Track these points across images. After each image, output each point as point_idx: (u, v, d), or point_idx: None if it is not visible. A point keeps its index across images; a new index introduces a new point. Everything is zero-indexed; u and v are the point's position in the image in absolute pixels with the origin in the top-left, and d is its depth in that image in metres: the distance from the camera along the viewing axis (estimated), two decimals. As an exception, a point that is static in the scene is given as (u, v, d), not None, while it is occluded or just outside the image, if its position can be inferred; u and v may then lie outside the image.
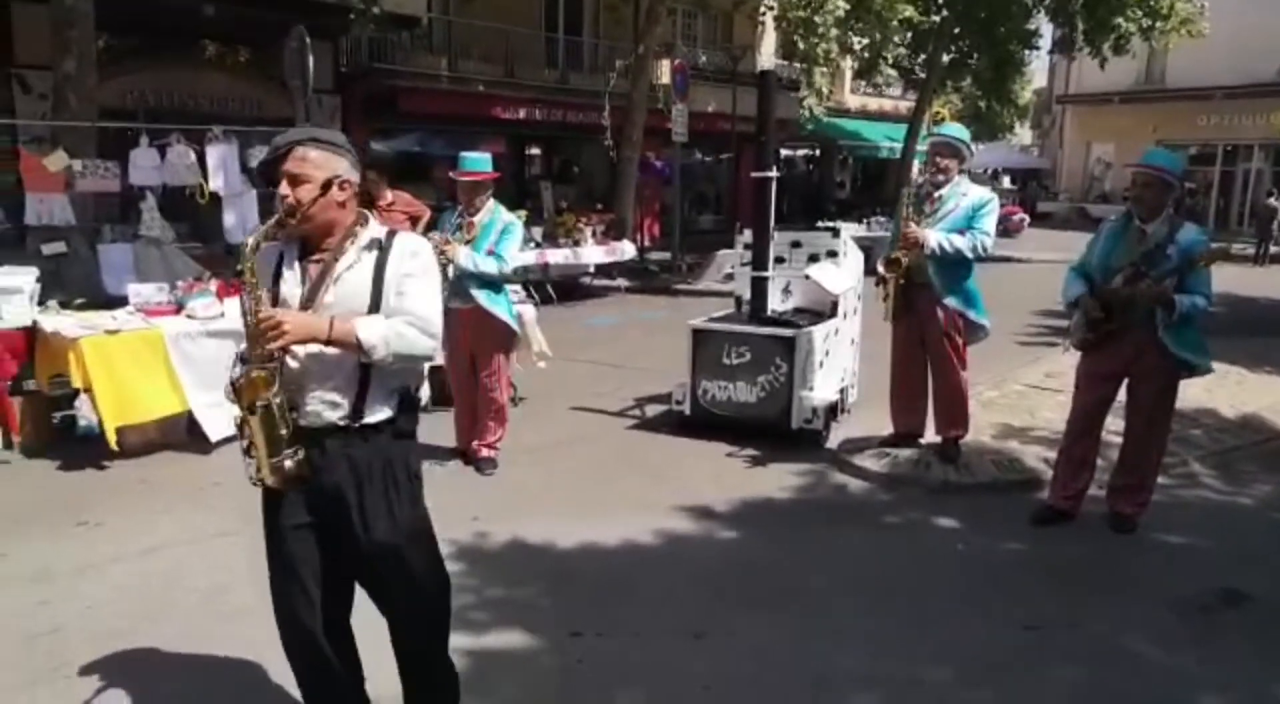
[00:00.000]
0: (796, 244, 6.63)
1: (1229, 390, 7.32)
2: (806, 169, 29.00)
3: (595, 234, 13.84)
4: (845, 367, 6.61)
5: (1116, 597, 3.98)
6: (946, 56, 22.96)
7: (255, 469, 2.40)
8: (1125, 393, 4.61)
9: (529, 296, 8.74)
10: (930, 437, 5.67)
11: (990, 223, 5.23)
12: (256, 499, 2.55)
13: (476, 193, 5.32)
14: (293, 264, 2.47)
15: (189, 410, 5.61)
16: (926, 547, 4.55)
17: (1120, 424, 4.71)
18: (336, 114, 15.13)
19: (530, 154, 20.28)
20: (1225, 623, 3.78)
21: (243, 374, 2.35)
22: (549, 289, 12.49)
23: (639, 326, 11.12)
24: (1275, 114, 26.61)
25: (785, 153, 25.73)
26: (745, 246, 6.56)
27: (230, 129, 7.90)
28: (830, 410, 6.10)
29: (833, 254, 6.51)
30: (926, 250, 5.15)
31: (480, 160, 5.37)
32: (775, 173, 6.26)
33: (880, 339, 5.85)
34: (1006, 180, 36.91)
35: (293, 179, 2.36)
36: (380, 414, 2.45)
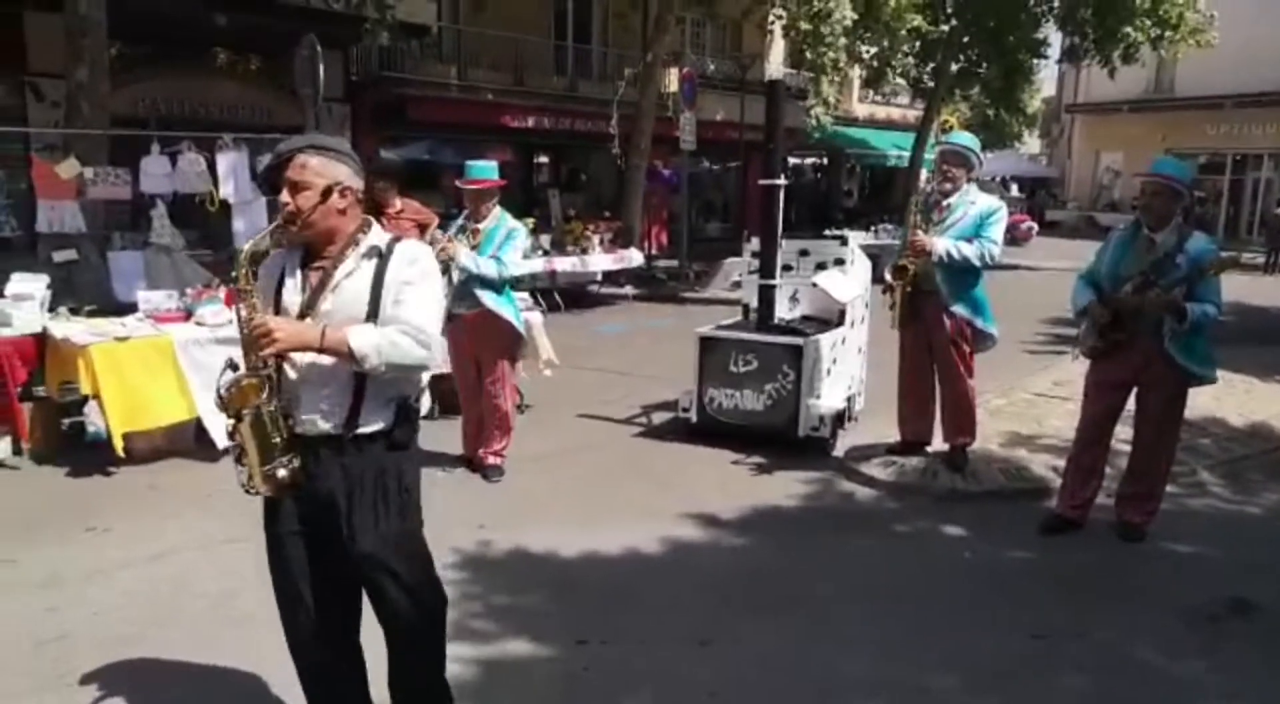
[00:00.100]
0: (804, 252, 6.65)
1: (1238, 399, 7.30)
2: (814, 177, 28.99)
3: (603, 242, 13.84)
4: (852, 374, 6.61)
5: (1124, 605, 3.97)
6: (955, 65, 22.91)
7: (246, 477, 2.38)
8: (1134, 401, 4.60)
9: (536, 304, 8.74)
10: (938, 445, 5.67)
11: (998, 231, 5.23)
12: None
13: (482, 200, 5.34)
14: (294, 272, 2.47)
15: (197, 417, 5.63)
16: (933, 554, 4.54)
17: (1129, 433, 4.70)
18: (346, 122, 15.19)
19: (538, 162, 20.31)
20: (1233, 632, 3.76)
21: (233, 382, 2.34)
22: (556, 297, 12.49)
23: (646, 334, 11.13)
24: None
25: (793, 161, 25.70)
26: (753, 254, 6.58)
27: (241, 137, 7.95)
28: (837, 418, 6.09)
29: (840, 262, 6.52)
30: (934, 258, 5.15)
31: (486, 168, 5.40)
32: (783, 181, 6.28)
33: (888, 347, 5.85)
34: (1015, 189, 36.83)
35: (293, 186, 2.37)
36: (375, 424, 2.42)
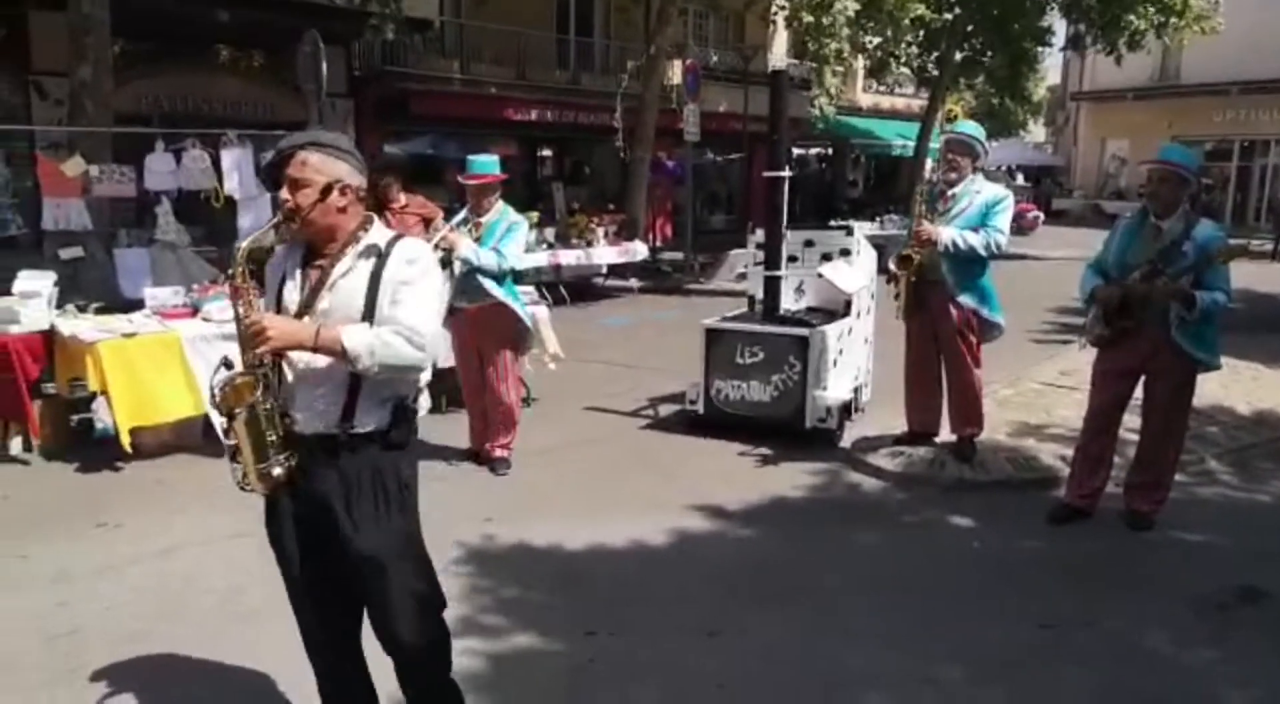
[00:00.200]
0: (809, 243, 6.63)
1: (1245, 387, 7.27)
2: (819, 168, 28.87)
3: (607, 235, 13.85)
4: (859, 365, 6.59)
5: (1133, 594, 3.96)
6: (959, 54, 22.81)
7: (241, 475, 2.36)
8: (1142, 390, 4.59)
9: (542, 297, 8.74)
10: (945, 435, 5.66)
11: (1004, 220, 5.20)
12: (268, 502, 2.56)
13: (484, 195, 5.33)
14: (295, 269, 2.46)
15: (205, 413, 5.64)
16: (941, 545, 4.54)
17: (1137, 421, 4.69)
18: (350, 117, 15.19)
19: (542, 155, 20.30)
20: (1243, 620, 3.75)
21: (226, 381, 2.33)
22: (561, 290, 12.50)
23: (652, 327, 11.12)
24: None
25: (797, 152, 25.62)
26: (758, 246, 6.56)
27: (245, 133, 7.96)
28: (844, 409, 6.08)
29: (846, 253, 6.50)
30: (939, 247, 5.13)
31: (487, 163, 5.39)
32: (787, 172, 6.26)
33: (894, 338, 5.84)
34: (1020, 178, 36.72)
35: (293, 184, 2.35)
36: (370, 424, 2.39)
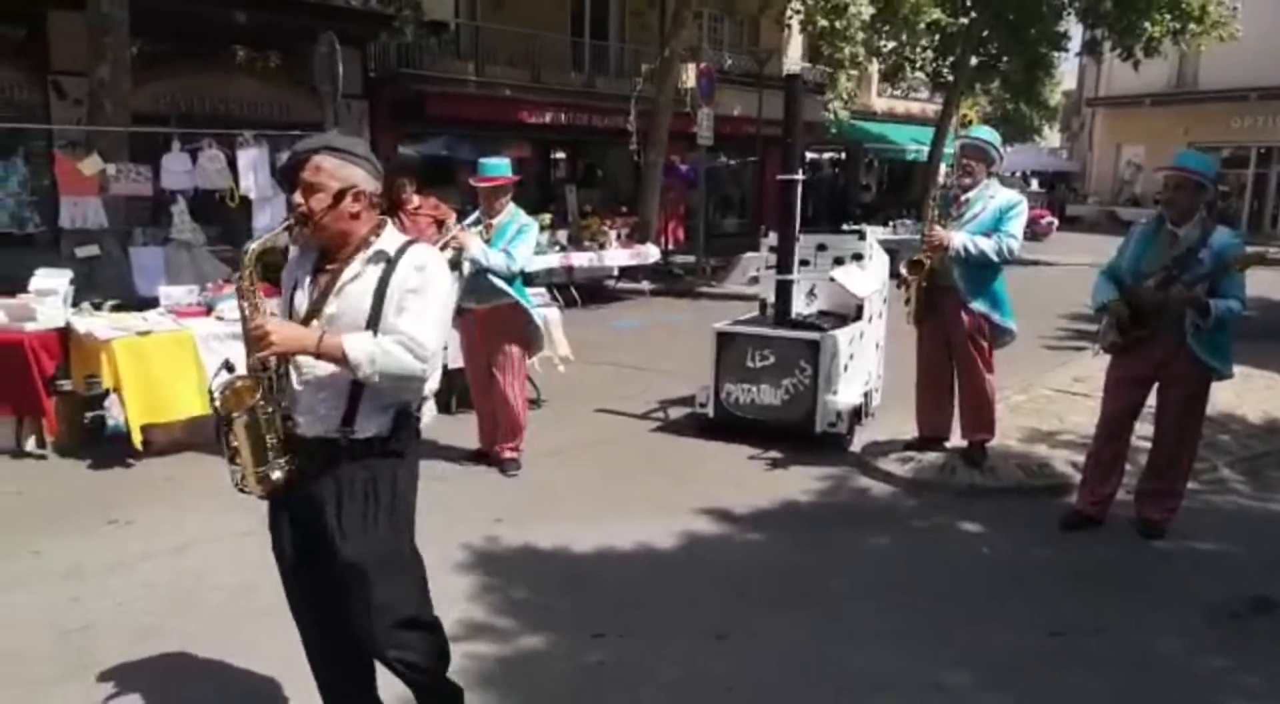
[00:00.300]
0: (822, 247, 6.62)
1: (1259, 395, 7.22)
2: (832, 172, 28.88)
3: (620, 237, 13.86)
4: (870, 370, 6.58)
5: (1144, 602, 3.94)
6: (974, 59, 22.73)
7: (240, 477, 2.36)
8: (1155, 398, 4.56)
9: (553, 299, 8.75)
10: (956, 440, 5.64)
11: (1017, 225, 5.18)
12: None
13: (496, 197, 5.36)
14: (307, 273, 2.47)
15: (217, 411, 5.67)
16: (951, 550, 4.52)
17: (1150, 429, 4.66)
18: (365, 118, 15.26)
19: (556, 158, 20.35)
20: (1255, 630, 3.73)
21: (226, 384, 2.33)
22: (573, 292, 12.52)
23: (663, 329, 11.12)
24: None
25: (811, 156, 25.64)
26: (770, 249, 6.56)
27: (261, 133, 8.02)
28: (855, 414, 6.07)
29: (858, 257, 6.50)
30: (950, 252, 5.12)
31: (499, 166, 5.41)
32: (801, 176, 6.26)
33: (906, 342, 5.82)
34: (1035, 183, 36.58)
35: (307, 187, 2.35)
36: (371, 430, 2.39)
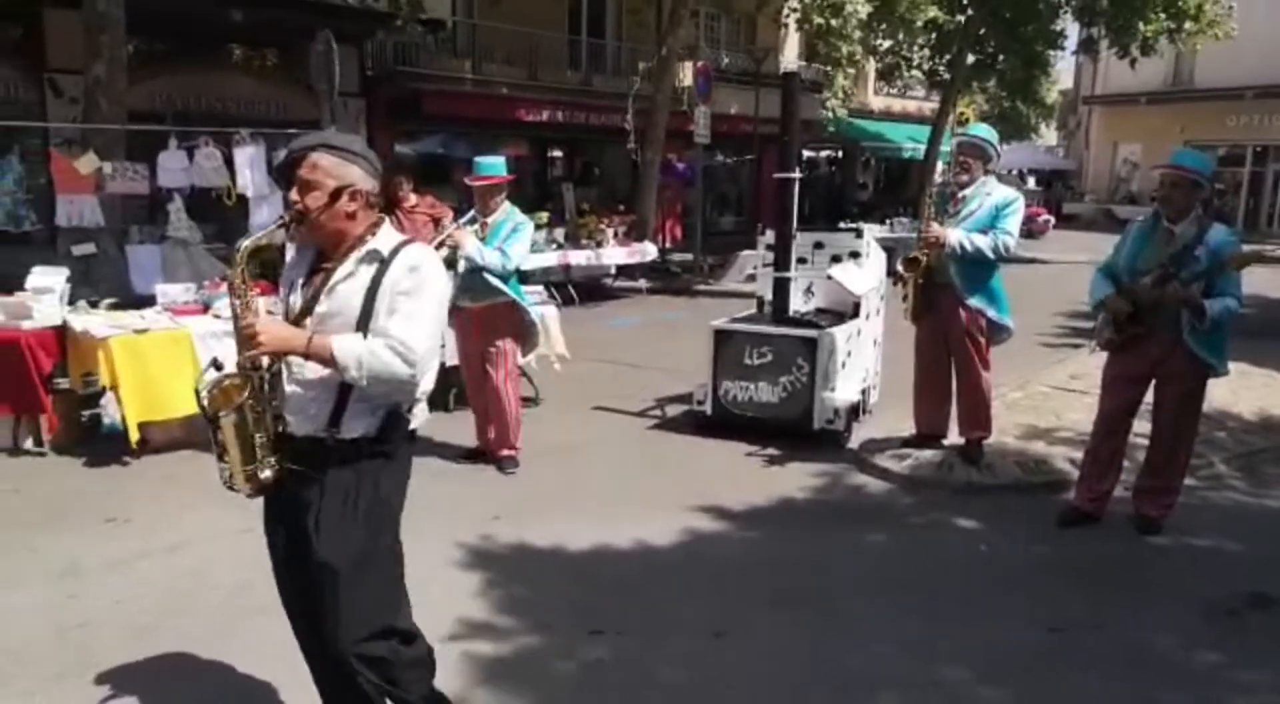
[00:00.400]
0: (819, 245, 6.64)
1: (1255, 392, 7.24)
2: (829, 170, 28.89)
3: (617, 235, 13.86)
4: (867, 367, 6.59)
5: (1142, 599, 3.95)
6: (971, 57, 22.75)
7: (228, 476, 2.35)
8: (1152, 395, 4.57)
9: (551, 298, 8.76)
10: (953, 438, 5.65)
11: (1014, 223, 5.19)
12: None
13: (490, 196, 5.35)
14: (303, 272, 2.47)
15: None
16: (948, 548, 4.53)
17: (1147, 426, 4.67)
18: (361, 117, 15.23)
19: (553, 156, 20.32)
20: (1252, 626, 3.74)
21: (214, 383, 2.32)
22: (571, 290, 12.52)
23: (660, 327, 11.12)
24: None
25: (808, 154, 25.64)
26: (767, 247, 6.57)
27: (257, 131, 8.01)
28: (852, 411, 6.08)
29: (855, 255, 6.50)
30: (947, 249, 5.13)
31: (493, 164, 5.41)
32: (798, 174, 6.26)
33: (903, 340, 5.83)
34: (1031, 181, 36.62)
35: (303, 185, 2.34)
36: (358, 430, 2.37)
